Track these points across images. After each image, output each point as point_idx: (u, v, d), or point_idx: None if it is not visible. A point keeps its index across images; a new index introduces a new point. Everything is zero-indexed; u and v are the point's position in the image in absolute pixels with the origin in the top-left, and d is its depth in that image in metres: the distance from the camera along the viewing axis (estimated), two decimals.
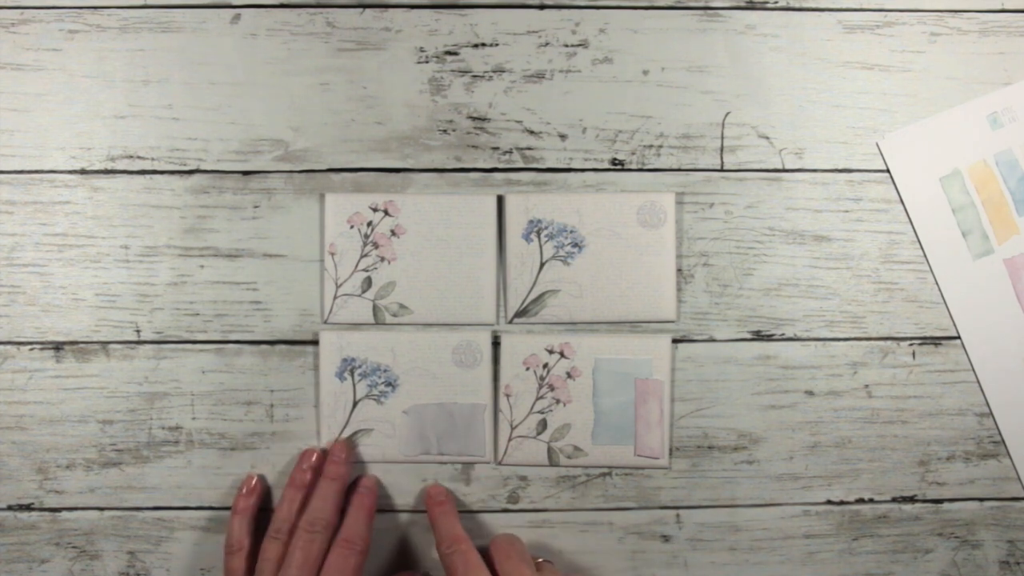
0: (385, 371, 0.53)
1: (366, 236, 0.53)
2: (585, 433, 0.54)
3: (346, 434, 0.54)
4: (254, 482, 0.53)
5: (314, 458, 0.53)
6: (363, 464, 0.54)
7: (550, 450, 0.54)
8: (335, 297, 0.54)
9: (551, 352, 0.54)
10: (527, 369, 0.54)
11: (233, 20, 0.55)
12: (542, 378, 0.54)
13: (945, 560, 0.55)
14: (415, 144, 0.55)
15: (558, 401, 0.54)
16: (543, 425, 0.54)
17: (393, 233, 0.53)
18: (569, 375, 0.54)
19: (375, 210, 0.53)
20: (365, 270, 0.54)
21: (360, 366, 0.53)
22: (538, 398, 0.54)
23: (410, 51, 0.55)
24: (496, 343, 0.54)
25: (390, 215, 0.53)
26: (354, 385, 0.54)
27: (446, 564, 0.48)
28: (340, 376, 0.53)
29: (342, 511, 0.51)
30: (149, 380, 0.54)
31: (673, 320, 0.54)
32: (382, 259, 0.53)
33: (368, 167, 0.55)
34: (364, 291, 0.54)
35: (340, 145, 0.55)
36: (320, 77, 0.55)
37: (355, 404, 0.54)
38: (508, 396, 0.54)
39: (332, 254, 0.53)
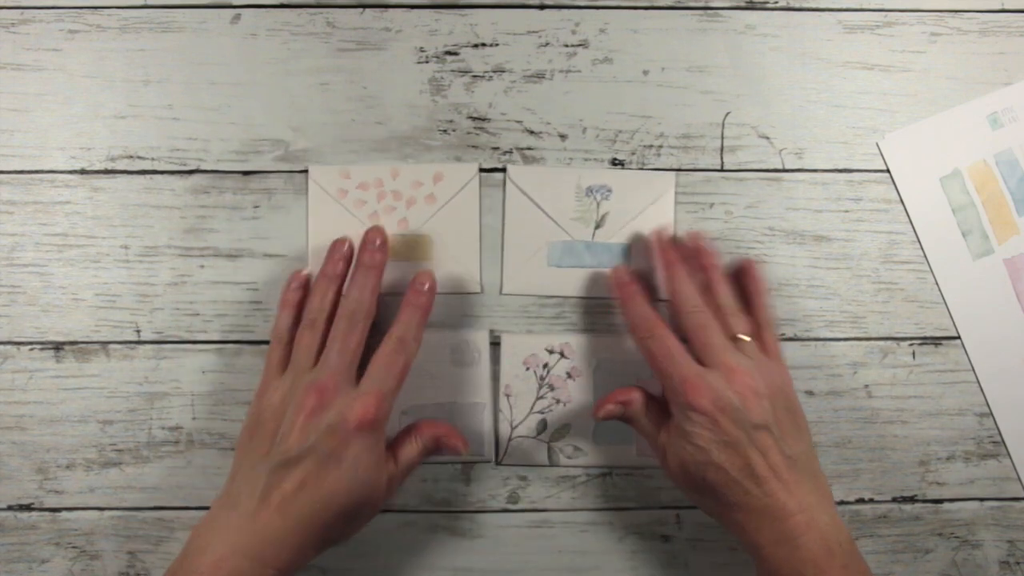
0: None
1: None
2: (585, 433, 0.54)
3: None
4: (303, 274, 0.52)
5: (346, 247, 0.51)
6: None
7: (550, 450, 0.54)
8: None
9: (551, 352, 0.54)
10: (527, 369, 0.54)
11: (233, 20, 0.55)
12: (542, 378, 0.54)
13: (945, 560, 0.55)
14: (415, 144, 0.55)
15: (558, 401, 0.54)
16: (543, 425, 0.54)
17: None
18: (569, 375, 0.54)
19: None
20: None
21: None
22: (538, 398, 0.54)
23: (410, 51, 0.55)
24: (496, 343, 0.54)
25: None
26: None
27: (644, 350, 0.48)
28: None
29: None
30: (149, 380, 0.54)
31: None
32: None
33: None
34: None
35: (340, 145, 0.55)
36: (320, 77, 0.55)
37: None
38: (508, 396, 0.54)
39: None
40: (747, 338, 0.48)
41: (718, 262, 0.51)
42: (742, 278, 0.52)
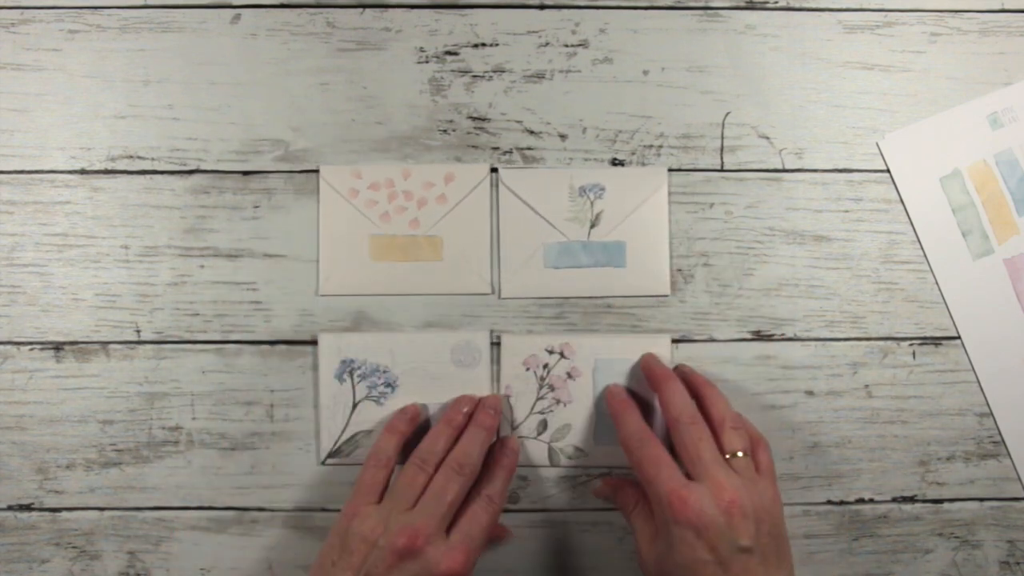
0: (384, 372, 0.53)
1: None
2: (586, 434, 0.54)
3: (346, 436, 0.54)
4: (417, 409, 0.53)
5: (470, 405, 0.52)
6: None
7: (551, 450, 0.54)
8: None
9: (551, 352, 0.54)
10: (527, 369, 0.54)
11: (233, 20, 0.55)
12: (542, 378, 0.54)
13: (945, 560, 0.55)
14: (415, 144, 0.55)
15: (558, 401, 0.54)
16: (544, 426, 0.54)
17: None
18: (569, 375, 0.54)
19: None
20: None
21: (359, 367, 0.53)
22: (538, 398, 0.54)
23: (410, 51, 0.55)
24: (496, 343, 0.54)
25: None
26: (353, 387, 0.53)
27: (633, 460, 0.48)
28: (339, 378, 0.53)
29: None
30: (149, 380, 0.54)
31: None
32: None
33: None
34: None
35: (340, 145, 0.55)
36: (320, 77, 0.55)
37: (355, 406, 0.54)
38: (508, 396, 0.54)
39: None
40: (741, 454, 0.48)
41: (704, 379, 0.52)
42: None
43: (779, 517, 0.47)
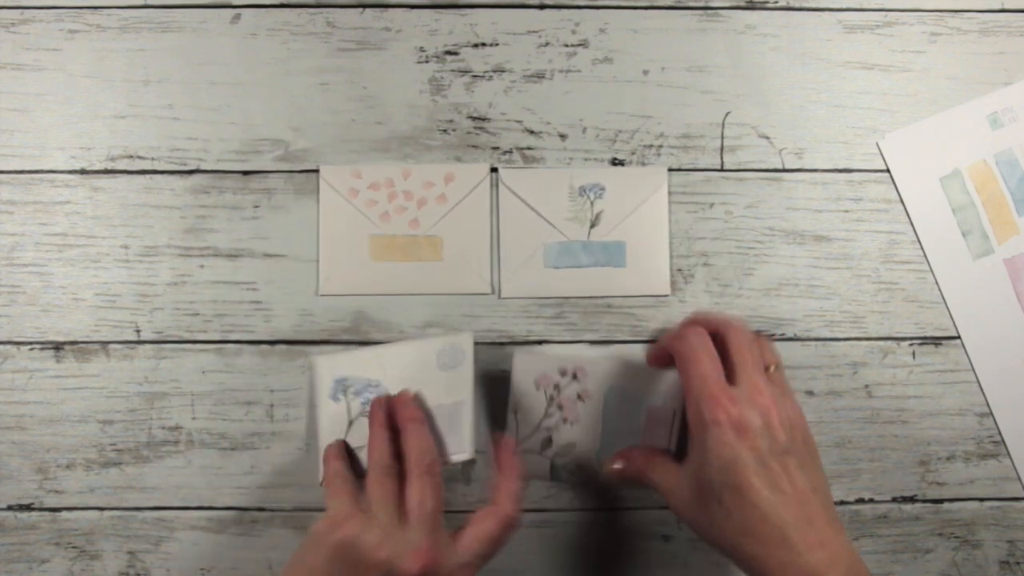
0: (375, 386, 0.53)
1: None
2: (590, 454, 0.54)
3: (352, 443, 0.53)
4: (341, 445, 0.52)
5: (383, 406, 0.50)
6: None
7: (552, 466, 0.54)
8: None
9: (564, 374, 0.53)
10: (537, 388, 0.53)
11: (233, 20, 0.55)
12: (551, 397, 0.53)
13: (945, 560, 0.55)
14: (415, 144, 0.55)
15: (565, 420, 0.53)
16: (548, 442, 0.54)
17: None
18: (579, 397, 0.53)
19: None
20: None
21: (352, 384, 0.53)
22: (545, 415, 0.53)
23: (410, 51, 0.55)
24: (490, 344, 0.54)
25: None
26: (348, 404, 0.53)
27: (676, 354, 0.47)
28: (334, 397, 0.53)
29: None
30: (149, 380, 0.54)
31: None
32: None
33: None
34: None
35: (340, 145, 0.55)
36: (320, 77, 0.55)
37: (351, 423, 0.53)
38: (515, 413, 0.53)
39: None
40: (774, 368, 0.48)
41: (725, 317, 0.50)
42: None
43: (808, 430, 0.47)
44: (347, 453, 0.51)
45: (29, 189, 0.54)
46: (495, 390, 0.54)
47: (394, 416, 0.50)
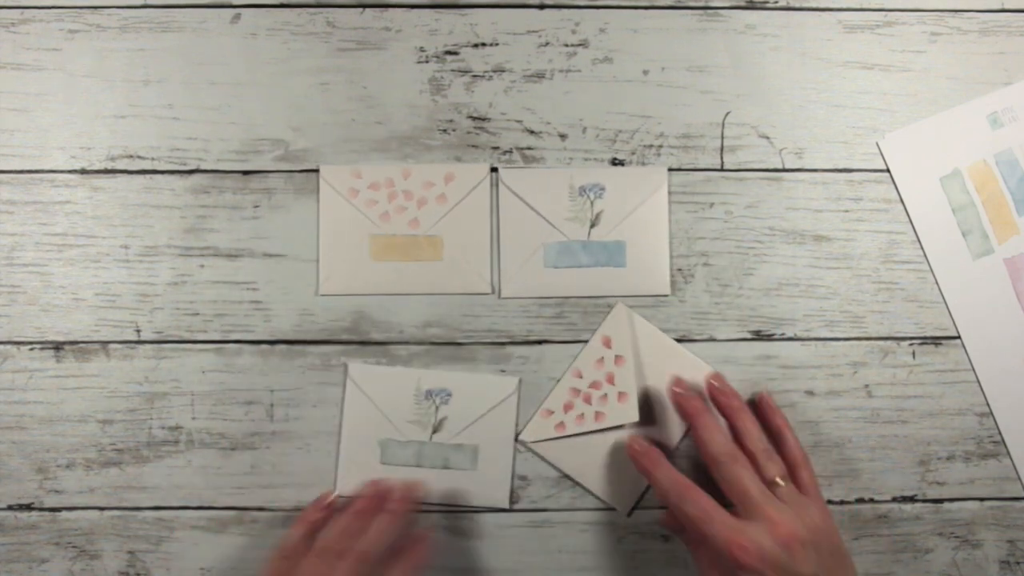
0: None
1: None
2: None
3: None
4: (334, 500, 0.53)
5: (377, 491, 0.51)
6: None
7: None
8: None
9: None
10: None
11: (233, 20, 0.55)
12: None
13: (945, 560, 0.55)
14: (415, 144, 0.55)
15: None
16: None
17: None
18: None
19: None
20: None
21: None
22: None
23: (410, 51, 0.55)
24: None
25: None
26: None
27: (680, 515, 0.48)
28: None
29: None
30: (149, 380, 0.54)
31: None
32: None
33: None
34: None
35: (340, 145, 0.55)
36: (320, 77, 0.55)
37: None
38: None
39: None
40: (783, 482, 0.48)
41: (742, 403, 0.51)
42: (763, 414, 0.52)
43: (834, 531, 0.48)
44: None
45: (29, 189, 0.54)
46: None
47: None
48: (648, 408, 0.54)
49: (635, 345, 0.54)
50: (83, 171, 0.54)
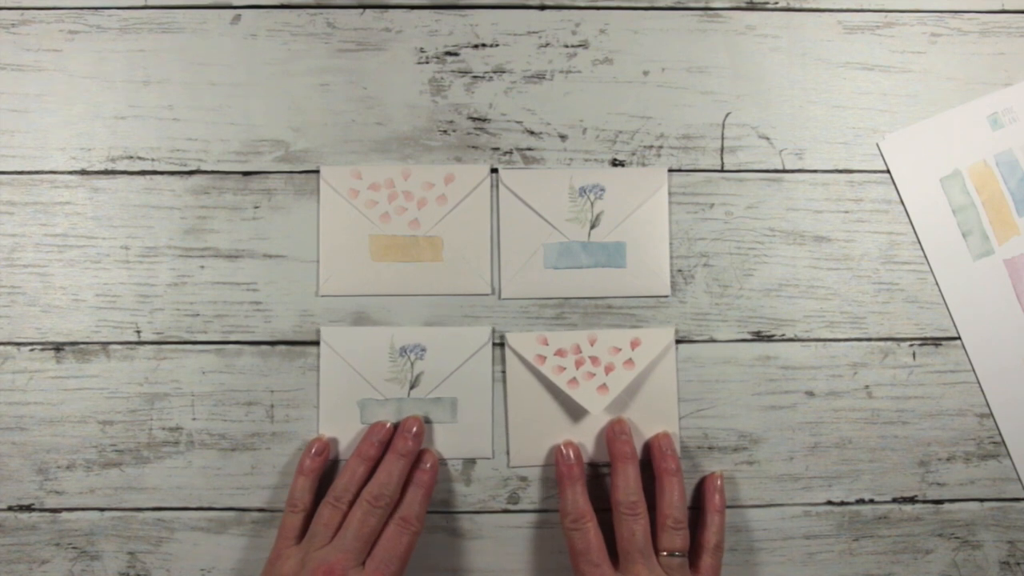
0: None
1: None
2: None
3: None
4: (322, 441, 0.53)
5: (383, 432, 0.52)
6: None
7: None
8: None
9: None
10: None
11: (233, 20, 0.55)
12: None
13: (945, 561, 0.55)
14: (415, 144, 0.55)
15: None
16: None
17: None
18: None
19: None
20: None
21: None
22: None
23: (410, 51, 0.55)
24: (500, 343, 0.54)
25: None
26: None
27: (567, 538, 0.49)
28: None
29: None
30: (149, 380, 0.54)
31: None
32: None
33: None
34: None
35: (340, 145, 0.55)
36: (320, 77, 0.55)
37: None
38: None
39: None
40: (676, 555, 0.49)
41: (678, 469, 0.52)
42: (705, 492, 0.53)
43: None
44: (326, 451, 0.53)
45: (29, 190, 0.54)
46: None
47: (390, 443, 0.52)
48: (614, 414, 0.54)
49: (651, 368, 0.54)
50: (83, 172, 0.54)
